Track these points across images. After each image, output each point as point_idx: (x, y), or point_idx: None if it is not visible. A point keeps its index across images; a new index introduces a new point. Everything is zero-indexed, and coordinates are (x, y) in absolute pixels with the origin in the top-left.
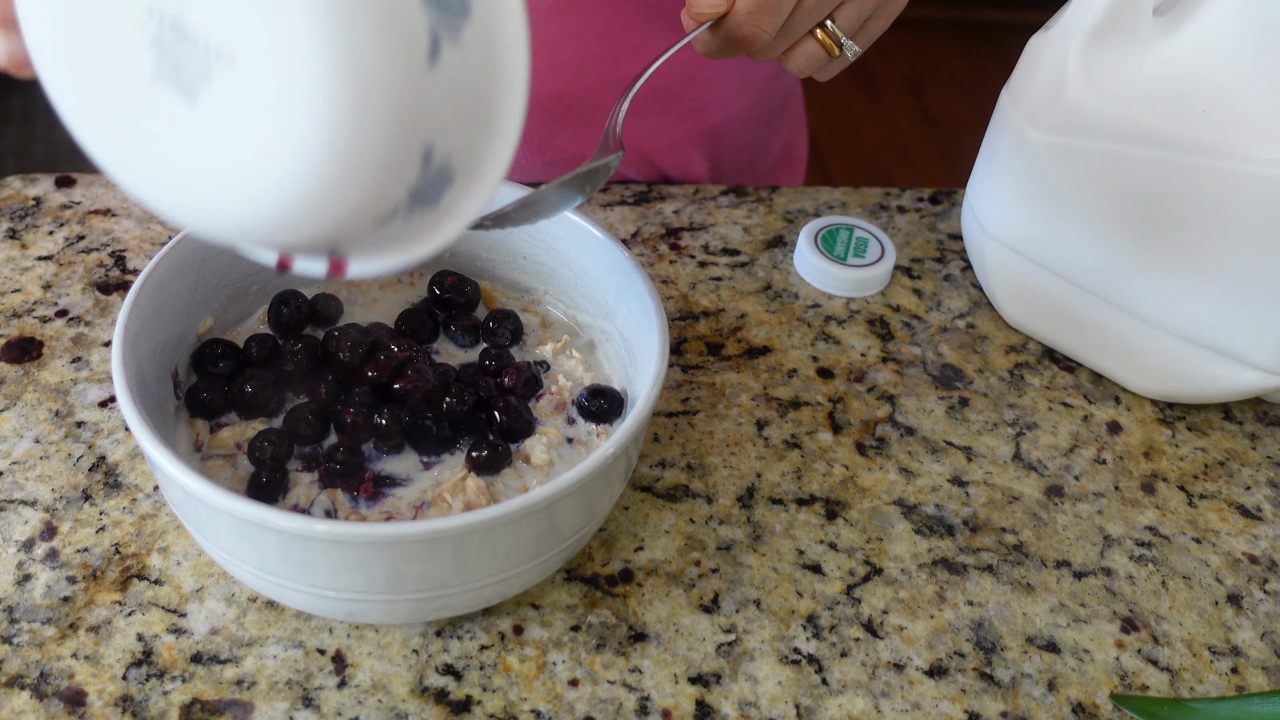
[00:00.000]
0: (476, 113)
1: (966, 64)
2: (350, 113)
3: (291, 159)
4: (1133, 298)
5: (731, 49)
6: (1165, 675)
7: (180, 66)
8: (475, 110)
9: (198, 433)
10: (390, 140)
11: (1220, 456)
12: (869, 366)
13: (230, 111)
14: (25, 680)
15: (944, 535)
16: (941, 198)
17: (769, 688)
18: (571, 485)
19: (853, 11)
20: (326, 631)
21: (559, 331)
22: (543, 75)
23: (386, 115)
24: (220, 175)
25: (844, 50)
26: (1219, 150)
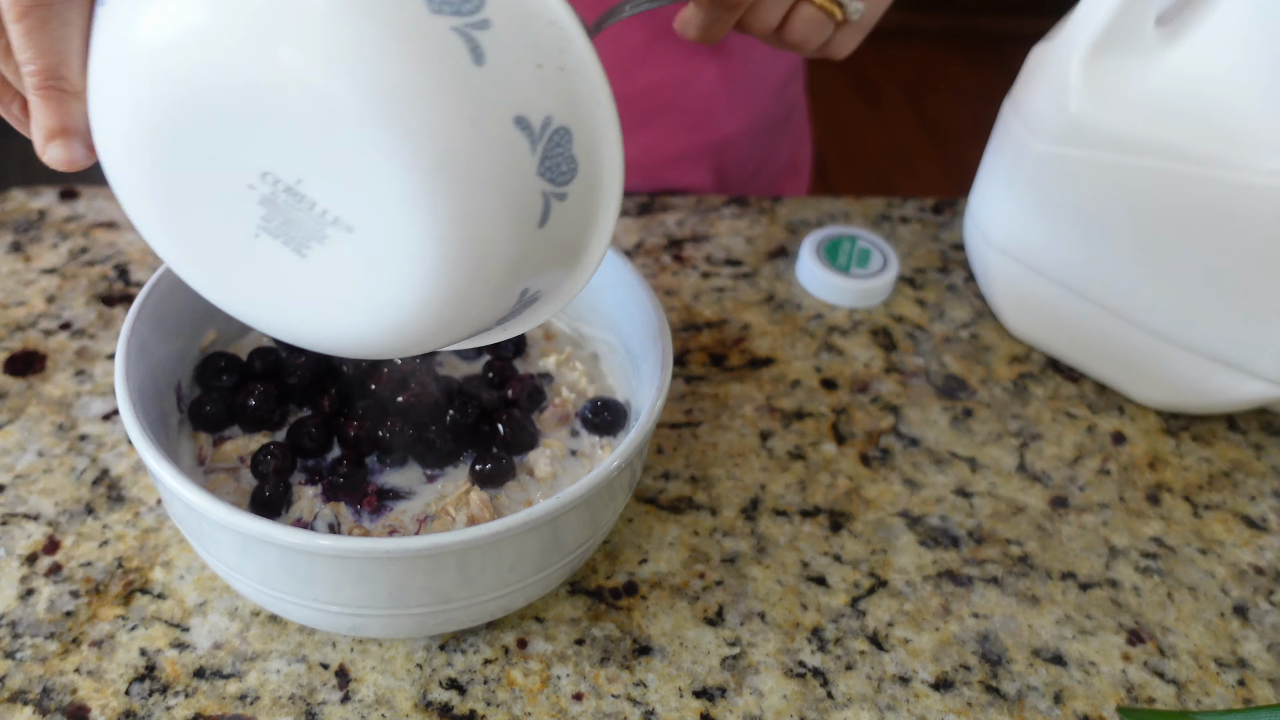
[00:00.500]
0: (571, 253)
1: (968, 73)
2: (464, 279)
3: (400, 312)
4: (1137, 308)
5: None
6: (1172, 688)
7: (291, 225)
8: (571, 251)
9: (201, 446)
10: (497, 293)
11: (1225, 467)
12: (872, 377)
13: (341, 268)
14: (28, 696)
15: (949, 547)
16: (944, 207)
17: (774, 701)
18: (576, 499)
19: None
20: (330, 646)
21: (562, 343)
22: None
23: (498, 277)
24: (322, 316)
25: (846, 10)
26: (1223, 161)
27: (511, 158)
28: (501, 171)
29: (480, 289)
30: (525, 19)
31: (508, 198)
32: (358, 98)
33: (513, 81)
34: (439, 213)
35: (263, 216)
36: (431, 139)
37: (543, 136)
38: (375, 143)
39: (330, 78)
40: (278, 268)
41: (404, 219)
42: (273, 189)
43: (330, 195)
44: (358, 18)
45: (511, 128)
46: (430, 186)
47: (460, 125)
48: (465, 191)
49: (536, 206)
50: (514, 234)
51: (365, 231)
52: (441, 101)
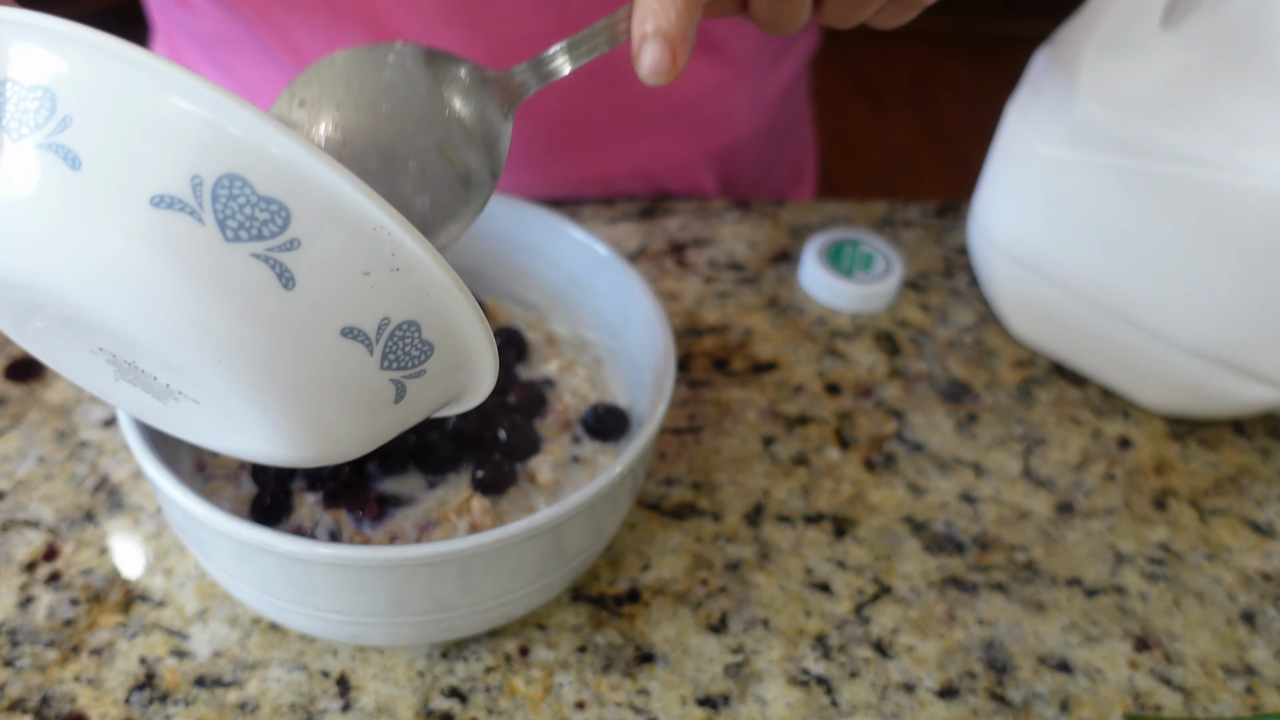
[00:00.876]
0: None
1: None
2: (322, 449)
3: (271, 457)
4: (1142, 312)
5: None
6: (1179, 695)
7: (144, 384)
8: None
9: (200, 453)
10: (368, 445)
11: (1232, 472)
12: (876, 382)
13: (201, 422)
14: (27, 704)
15: (953, 553)
16: (948, 211)
17: (778, 709)
18: (578, 506)
19: None
20: (331, 654)
21: (564, 349)
22: (544, 98)
23: (360, 441)
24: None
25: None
26: (1229, 164)
27: (345, 365)
28: (335, 378)
29: (343, 450)
30: (343, 230)
31: (348, 395)
32: (161, 329)
33: (334, 296)
34: (270, 413)
35: (114, 372)
36: (244, 362)
37: (381, 337)
38: (189, 362)
39: (133, 309)
40: (148, 406)
41: (238, 411)
42: (113, 358)
43: (168, 378)
44: (151, 254)
45: (339, 339)
46: (254, 397)
47: (275, 348)
48: (294, 399)
49: (387, 393)
50: (365, 418)
51: (208, 409)
52: (250, 329)
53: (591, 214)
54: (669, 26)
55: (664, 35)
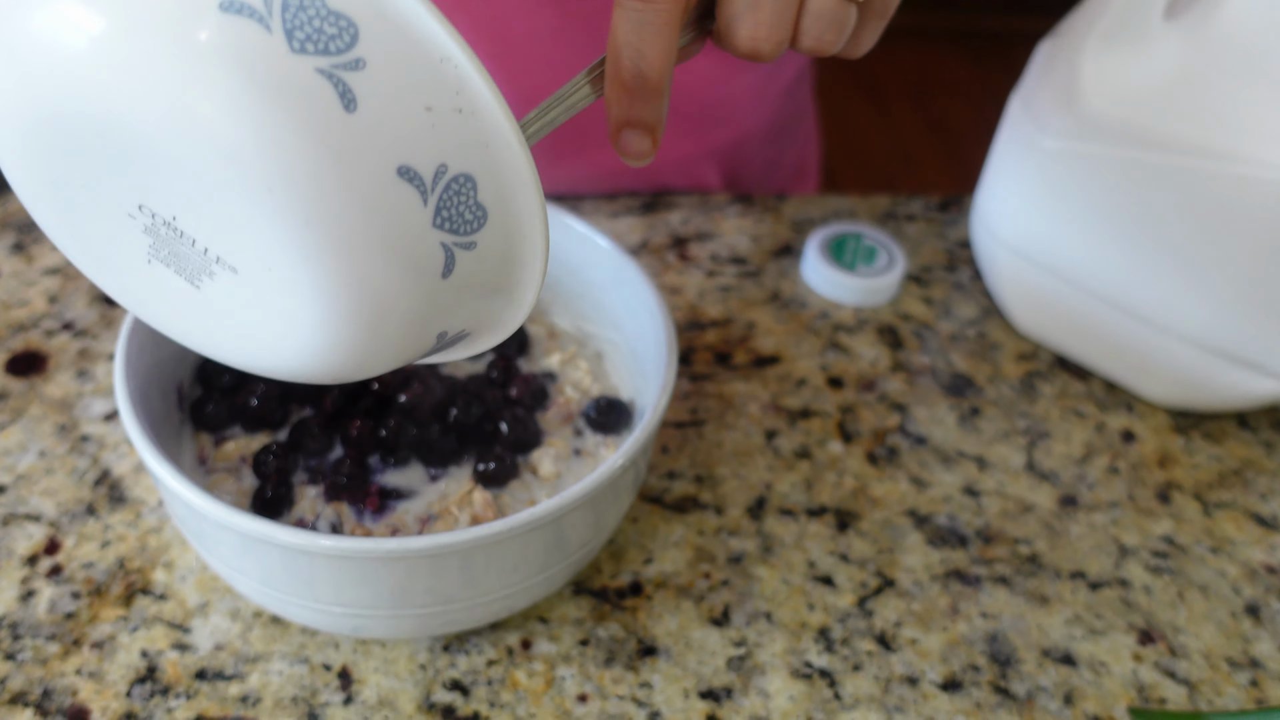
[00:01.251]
0: (496, 293)
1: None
2: (360, 328)
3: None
4: (1146, 305)
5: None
6: (1183, 688)
7: (179, 257)
8: (494, 292)
9: (202, 446)
10: (405, 338)
11: (1236, 465)
12: (879, 375)
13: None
14: (29, 698)
15: (957, 546)
16: (950, 205)
17: (781, 702)
18: (579, 498)
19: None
20: (332, 647)
21: (566, 342)
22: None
23: (400, 326)
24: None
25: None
26: (1233, 155)
27: (397, 211)
28: (385, 225)
29: (382, 337)
30: (409, 57)
31: (397, 251)
32: (214, 146)
33: (394, 128)
34: (314, 264)
35: (150, 245)
36: (296, 191)
37: (436, 186)
38: (237, 192)
39: (187, 123)
40: (175, 295)
41: (281, 268)
42: (152, 221)
43: (207, 235)
44: (213, 61)
45: (394, 178)
46: (301, 240)
47: (330, 176)
48: (342, 244)
49: (436, 258)
50: (411, 287)
51: (248, 275)
52: (305, 152)
53: (593, 208)
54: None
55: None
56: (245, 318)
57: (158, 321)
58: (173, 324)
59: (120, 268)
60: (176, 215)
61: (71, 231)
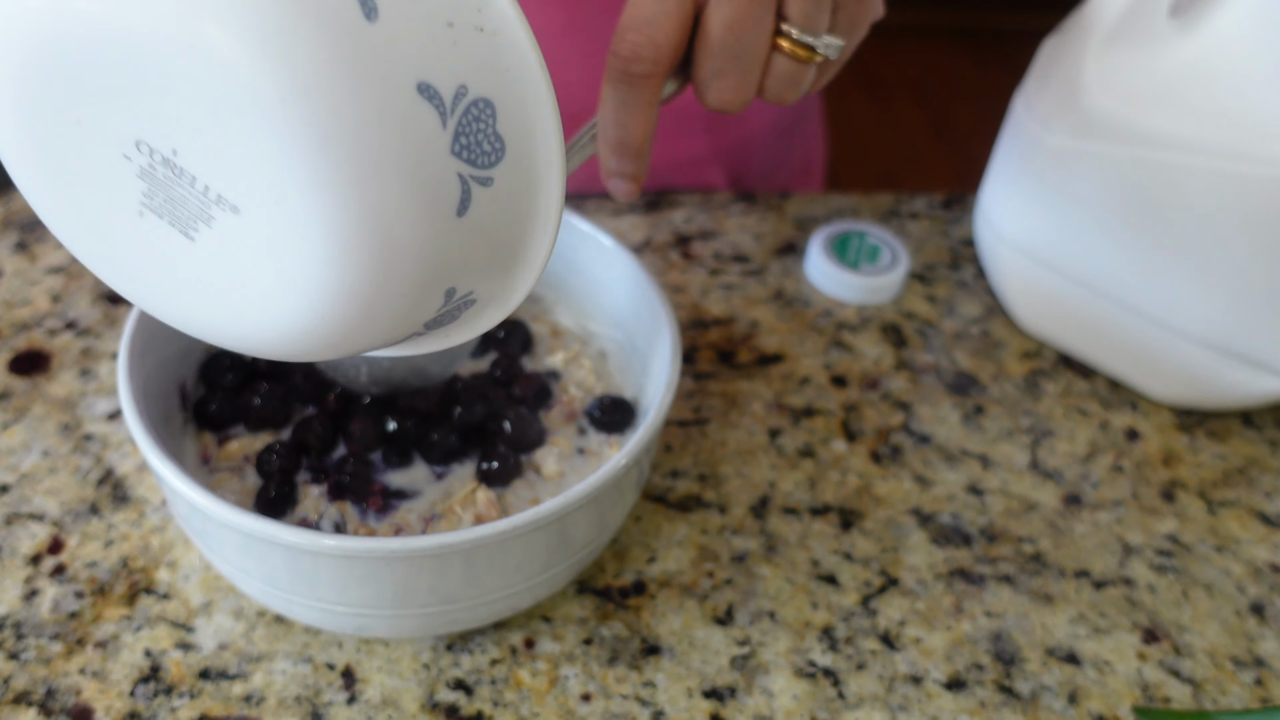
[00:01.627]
0: (506, 249)
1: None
2: (368, 271)
3: (300, 307)
4: (1150, 303)
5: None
6: (1188, 687)
7: (175, 203)
8: (505, 247)
9: (205, 445)
10: (413, 291)
11: (1240, 463)
12: (882, 374)
13: (232, 254)
14: (32, 697)
15: (961, 545)
16: (954, 203)
17: (784, 701)
18: (583, 497)
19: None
20: (336, 646)
21: (569, 341)
22: (557, 94)
23: (410, 272)
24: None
25: (820, 51)
26: (1237, 153)
27: (415, 131)
28: (403, 146)
29: (390, 285)
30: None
31: (414, 178)
32: (224, 52)
33: (415, 41)
34: (329, 192)
35: (144, 192)
36: (313, 105)
37: (455, 109)
38: (249, 104)
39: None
40: (166, 251)
41: (291, 198)
42: (150, 160)
43: (210, 169)
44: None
45: (414, 95)
46: (315, 161)
47: (347, 87)
48: (357, 167)
49: (452, 191)
50: (425, 222)
51: (252, 213)
52: (323, 61)
53: (596, 206)
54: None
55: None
56: (240, 272)
57: (140, 291)
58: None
59: (108, 226)
60: (177, 149)
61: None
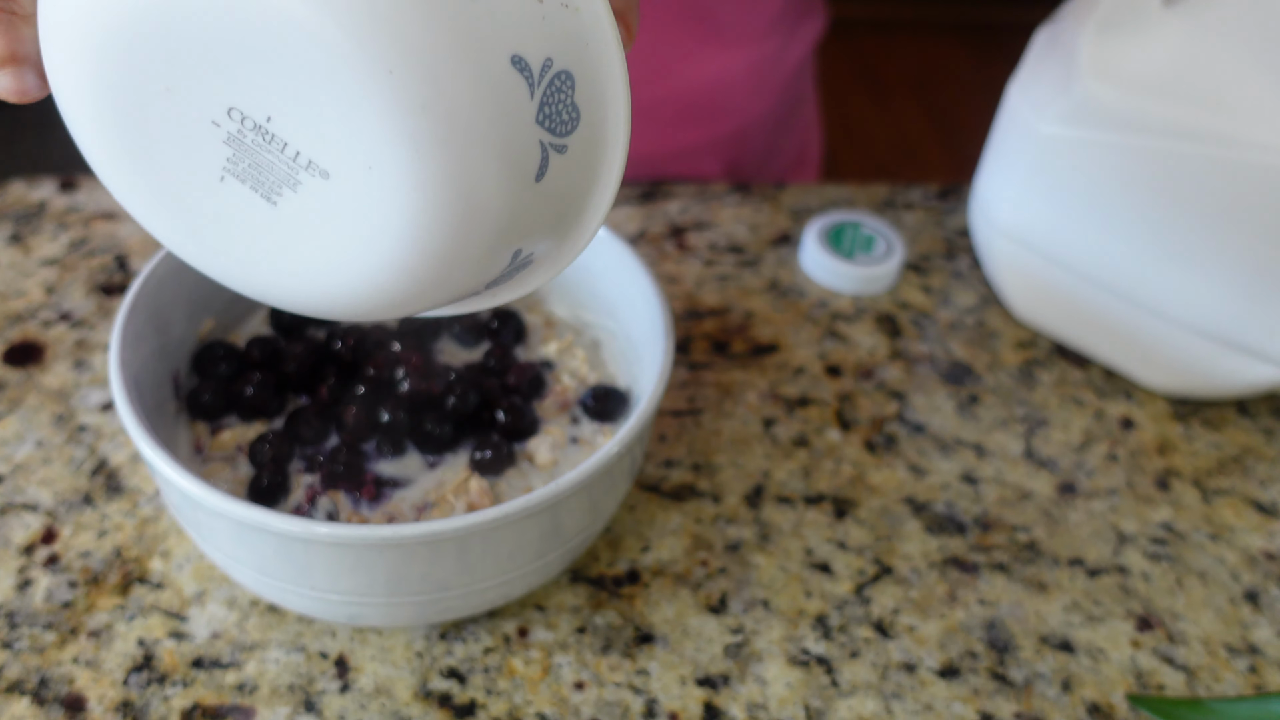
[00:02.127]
0: (568, 213)
1: (974, 65)
2: (451, 234)
3: (380, 268)
4: (1145, 292)
5: None
6: (1182, 674)
7: (260, 169)
8: (568, 211)
9: (198, 435)
10: (486, 253)
11: (1235, 452)
12: (877, 364)
13: (316, 218)
14: (25, 686)
15: (955, 534)
16: (949, 193)
17: (778, 689)
18: (575, 485)
19: None
20: (329, 635)
21: (563, 330)
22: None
23: (488, 235)
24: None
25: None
26: (1232, 140)
27: (507, 100)
28: (496, 115)
29: (468, 247)
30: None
31: (502, 145)
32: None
33: (511, 15)
34: (423, 157)
35: (229, 158)
36: (417, 72)
37: (542, 80)
38: (353, 74)
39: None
40: (246, 217)
41: (384, 163)
42: (240, 127)
43: (303, 135)
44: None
45: (508, 67)
46: (414, 126)
47: (450, 59)
48: (454, 134)
49: (534, 158)
50: (508, 187)
51: (342, 177)
52: (430, 30)
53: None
54: None
55: None
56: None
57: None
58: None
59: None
60: (271, 115)
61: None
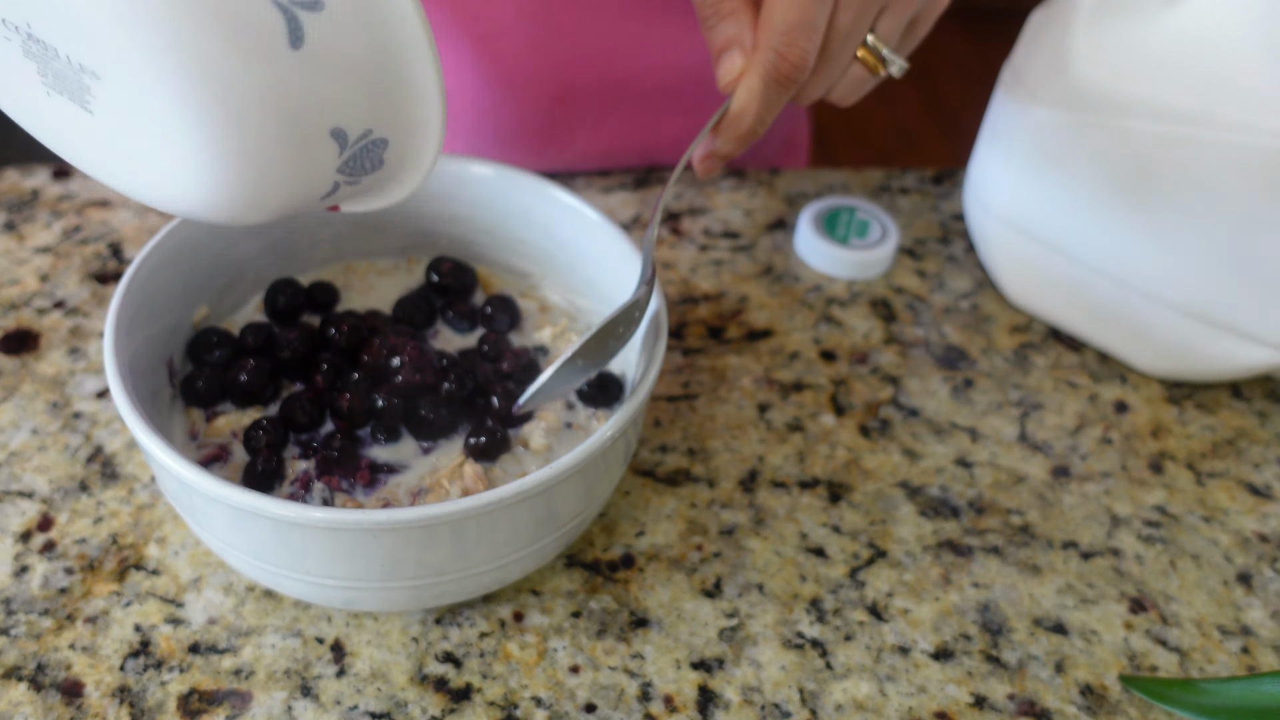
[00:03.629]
0: (381, 77)
1: (972, 50)
2: (221, 117)
3: (190, 163)
4: (1139, 275)
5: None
6: (1175, 656)
7: (61, 79)
8: (377, 75)
9: (193, 422)
10: (282, 135)
11: (1229, 435)
12: (872, 348)
13: (119, 121)
14: (22, 672)
15: (949, 517)
16: (944, 178)
17: (772, 672)
18: (569, 469)
19: (894, 20)
20: (325, 620)
21: (557, 316)
22: (542, 78)
23: (265, 114)
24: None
25: (888, 66)
26: (1225, 123)
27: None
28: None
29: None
30: None
31: (228, 19)
32: None
33: None
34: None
35: (37, 71)
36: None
37: None
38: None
39: None
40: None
41: (131, 60)
42: (24, 40)
43: (61, 39)
44: None
45: None
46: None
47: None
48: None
49: (275, 23)
50: (256, 61)
51: (110, 79)
52: None
53: (585, 184)
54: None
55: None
56: (133, 136)
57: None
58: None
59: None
60: (30, 21)
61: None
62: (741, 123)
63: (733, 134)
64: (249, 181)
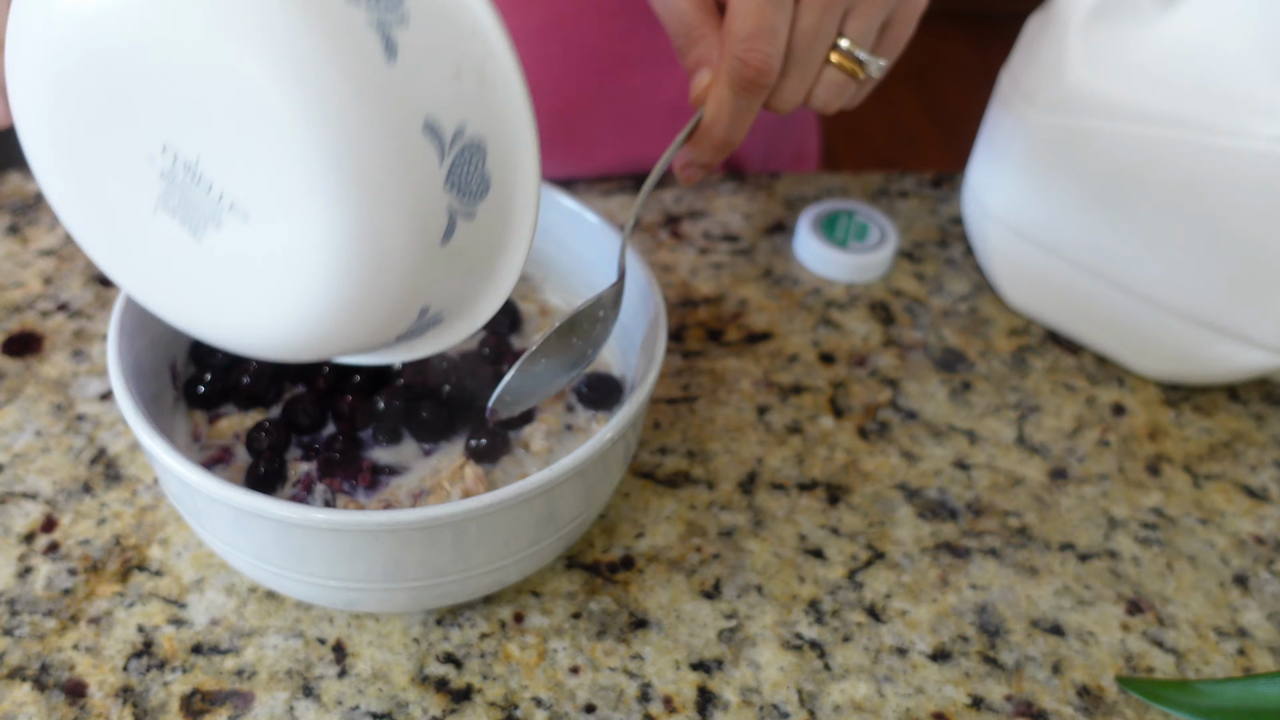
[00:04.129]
0: (477, 276)
1: (972, 54)
2: (356, 284)
3: (291, 314)
4: (1136, 278)
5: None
6: (1171, 657)
7: (189, 205)
8: (477, 274)
9: (196, 424)
10: (393, 307)
11: (1226, 437)
12: (870, 351)
13: (234, 258)
14: (26, 672)
15: (947, 519)
16: (943, 181)
17: (771, 673)
18: (569, 471)
19: (862, 21)
20: (327, 621)
21: (558, 319)
22: (537, 93)
23: (394, 289)
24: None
25: (867, 68)
26: (1221, 127)
27: (417, 163)
28: (405, 175)
29: (375, 300)
30: (447, 22)
31: (409, 205)
32: (260, 74)
33: (425, 83)
34: (333, 208)
35: (162, 192)
36: (332, 129)
37: (453, 147)
38: (274, 125)
39: (234, 51)
40: (174, 250)
41: (298, 210)
42: (172, 165)
43: (227, 178)
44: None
45: (419, 132)
46: (326, 179)
47: (364, 119)
48: (363, 189)
49: (440, 221)
50: (414, 247)
51: (260, 221)
52: (346, 92)
53: (586, 187)
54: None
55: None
56: (239, 276)
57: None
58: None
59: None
60: (201, 156)
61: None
62: (714, 132)
63: (708, 144)
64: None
